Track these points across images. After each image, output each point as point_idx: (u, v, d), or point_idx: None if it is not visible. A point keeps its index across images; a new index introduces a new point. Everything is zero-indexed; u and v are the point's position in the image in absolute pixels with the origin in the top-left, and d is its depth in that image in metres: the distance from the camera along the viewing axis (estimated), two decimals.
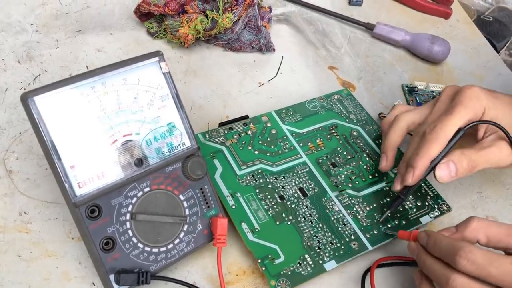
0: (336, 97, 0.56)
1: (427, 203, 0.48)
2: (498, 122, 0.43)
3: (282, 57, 0.62)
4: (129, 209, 0.37)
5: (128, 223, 0.37)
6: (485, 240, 0.39)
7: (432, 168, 0.43)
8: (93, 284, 0.39)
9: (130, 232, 0.37)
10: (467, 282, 0.36)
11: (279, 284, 0.40)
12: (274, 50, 0.61)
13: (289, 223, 0.44)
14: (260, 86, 0.58)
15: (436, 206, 0.47)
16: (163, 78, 0.39)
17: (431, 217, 0.47)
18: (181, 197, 0.40)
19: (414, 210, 0.47)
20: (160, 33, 0.59)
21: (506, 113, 0.45)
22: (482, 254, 0.35)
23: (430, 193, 0.49)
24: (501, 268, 0.35)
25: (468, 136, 0.45)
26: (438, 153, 0.43)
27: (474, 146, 0.44)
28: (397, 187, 0.45)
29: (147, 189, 0.38)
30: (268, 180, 0.46)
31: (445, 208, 0.48)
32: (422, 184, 0.49)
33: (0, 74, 0.51)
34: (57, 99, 0.35)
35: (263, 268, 0.41)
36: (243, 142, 0.48)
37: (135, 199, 0.38)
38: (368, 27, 0.67)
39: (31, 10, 0.58)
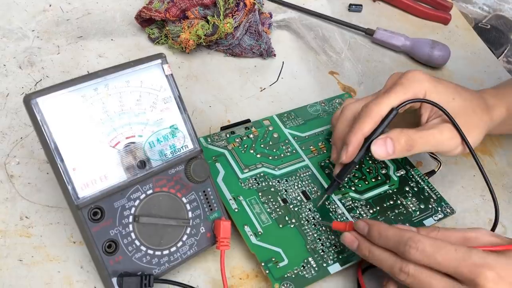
0: (337, 101, 0.56)
1: (430, 206, 0.47)
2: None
3: (283, 62, 0.62)
4: (132, 211, 0.37)
5: (131, 226, 0.37)
6: None
7: (368, 146, 0.42)
8: None
9: (132, 234, 0.37)
10: (419, 269, 0.36)
11: (283, 287, 0.40)
12: (274, 55, 0.62)
13: (292, 226, 0.44)
14: (261, 91, 0.58)
15: (439, 209, 0.47)
16: (166, 80, 0.39)
17: (434, 220, 0.46)
18: (184, 200, 0.40)
19: (418, 212, 0.47)
20: (161, 39, 0.59)
21: (449, 98, 0.44)
22: (429, 243, 0.36)
23: (433, 195, 0.48)
24: (447, 256, 0.35)
25: (416, 126, 0.44)
26: (371, 130, 0.42)
27: (416, 128, 0.44)
28: (337, 170, 0.45)
29: (150, 191, 0.38)
30: (270, 183, 0.46)
31: (448, 210, 0.47)
32: (425, 187, 0.49)
33: (2, 80, 0.51)
34: (60, 101, 0.34)
35: (267, 271, 0.40)
36: (245, 146, 0.48)
37: (138, 201, 0.37)
38: (368, 33, 0.67)
39: (32, 17, 0.59)
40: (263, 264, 0.40)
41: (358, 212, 0.46)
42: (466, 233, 0.39)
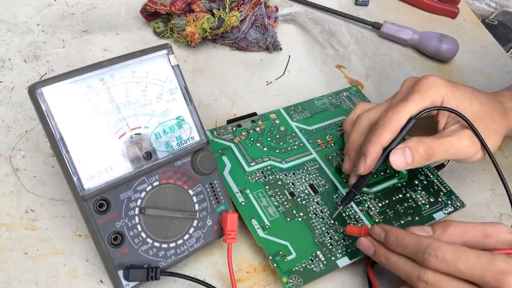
0: (345, 94, 0.55)
1: (440, 199, 0.47)
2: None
3: (289, 56, 0.61)
4: (138, 203, 0.37)
5: (137, 218, 0.36)
6: (461, 244, 0.38)
7: (386, 156, 0.41)
8: (101, 281, 0.38)
9: (139, 227, 0.36)
10: (438, 276, 0.35)
11: (291, 280, 0.39)
12: (281, 49, 0.61)
13: (300, 219, 0.43)
14: (267, 84, 0.58)
15: (449, 202, 0.47)
16: (172, 71, 0.39)
17: (444, 213, 0.46)
18: (191, 192, 0.39)
19: (427, 206, 0.46)
20: (167, 33, 0.58)
21: (467, 103, 0.43)
22: (450, 250, 0.35)
23: (443, 189, 0.48)
24: (469, 263, 0.34)
25: (432, 133, 0.43)
26: (390, 140, 0.41)
27: (434, 135, 0.43)
28: (352, 180, 0.43)
29: (156, 183, 0.37)
30: (277, 176, 0.45)
31: (458, 204, 0.47)
32: (435, 180, 0.48)
33: (7, 74, 0.51)
34: (65, 91, 0.34)
35: (275, 265, 0.40)
36: (252, 139, 0.48)
37: (144, 193, 0.37)
38: (375, 26, 0.67)
39: (37, 11, 0.58)
40: (270, 257, 0.40)
41: (366, 205, 0.45)
42: (485, 229, 0.38)
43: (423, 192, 0.47)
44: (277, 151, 0.47)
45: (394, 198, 0.46)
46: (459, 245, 0.36)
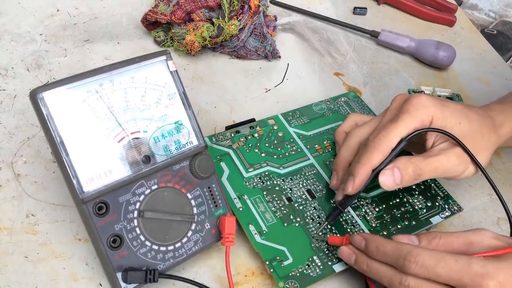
0: (343, 99, 0.56)
1: (437, 203, 0.47)
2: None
3: (288, 64, 0.62)
4: (137, 206, 0.37)
5: (135, 221, 0.37)
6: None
7: (374, 176, 0.41)
8: (100, 284, 0.39)
9: (137, 229, 0.37)
10: (419, 282, 0.35)
11: (287, 285, 0.39)
12: (279, 57, 0.62)
13: (297, 224, 0.43)
14: (266, 92, 0.58)
15: (446, 206, 0.47)
16: (171, 77, 0.39)
17: (441, 217, 0.46)
18: (189, 196, 0.40)
19: (424, 210, 0.46)
20: (167, 42, 0.59)
21: (456, 122, 0.43)
22: (429, 256, 0.35)
23: (440, 193, 0.48)
24: (447, 268, 0.35)
25: (420, 149, 0.44)
26: (380, 162, 0.41)
27: (422, 154, 0.43)
28: (339, 197, 0.43)
29: (155, 186, 0.38)
30: (275, 182, 0.46)
31: (455, 208, 0.47)
32: (432, 185, 0.49)
33: (10, 82, 0.52)
34: (65, 96, 0.35)
35: (271, 270, 0.40)
36: (250, 145, 0.48)
37: (142, 196, 0.37)
38: (373, 35, 0.67)
39: (40, 21, 0.59)
40: (267, 263, 0.40)
41: (363, 210, 0.46)
42: (468, 237, 0.38)
43: (420, 197, 0.47)
44: (275, 156, 0.48)
45: (391, 203, 0.46)
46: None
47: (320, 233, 0.43)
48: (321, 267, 0.41)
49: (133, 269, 0.36)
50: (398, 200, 0.47)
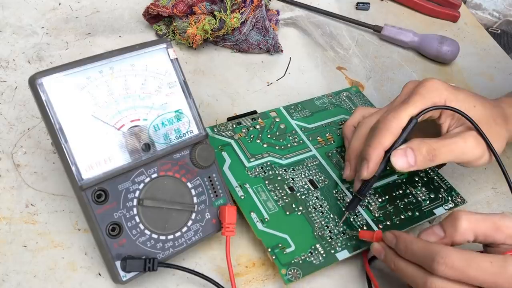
0: (345, 94, 0.55)
1: (440, 195, 0.46)
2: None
3: (290, 58, 0.62)
4: (136, 194, 0.37)
5: (135, 209, 0.37)
6: (473, 238, 0.37)
7: (388, 158, 0.40)
8: (99, 274, 0.38)
9: (137, 218, 0.37)
10: (446, 284, 0.34)
11: (290, 273, 0.39)
12: (282, 51, 0.62)
13: (299, 213, 0.43)
14: (268, 85, 0.58)
15: (449, 198, 0.46)
16: (171, 65, 0.39)
17: (445, 209, 0.45)
18: (189, 185, 0.39)
19: (427, 202, 0.46)
20: (169, 35, 0.59)
21: (470, 106, 0.42)
22: (459, 257, 0.34)
23: (443, 185, 0.47)
24: (480, 269, 0.33)
25: (436, 137, 0.42)
26: (392, 143, 0.40)
27: (437, 138, 0.41)
28: (357, 185, 0.42)
29: (155, 175, 0.38)
30: (277, 172, 0.45)
31: (459, 200, 0.46)
32: (435, 177, 0.48)
33: (11, 74, 0.52)
34: (65, 82, 0.35)
35: (273, 257, 0.39)
36: (252, 136, 0.48)
37: (142, 184, 0.37)
38: (376, 30, 0.67)
39: (42, 15, 0.59)
40: (269, 250, 0.40)
41: (366, 201, 0.45)
42: (496, 221, 0.37)
43: (423, 189, 0.47)
44: (277, 147, 0.48)
45: (394, 194, 0.46)
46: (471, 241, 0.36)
47: (346, 228, 0.42)
48: (324, 255, 0.40)
49: (132, 257, 0.36)
50: (401, 192, 0.46)
